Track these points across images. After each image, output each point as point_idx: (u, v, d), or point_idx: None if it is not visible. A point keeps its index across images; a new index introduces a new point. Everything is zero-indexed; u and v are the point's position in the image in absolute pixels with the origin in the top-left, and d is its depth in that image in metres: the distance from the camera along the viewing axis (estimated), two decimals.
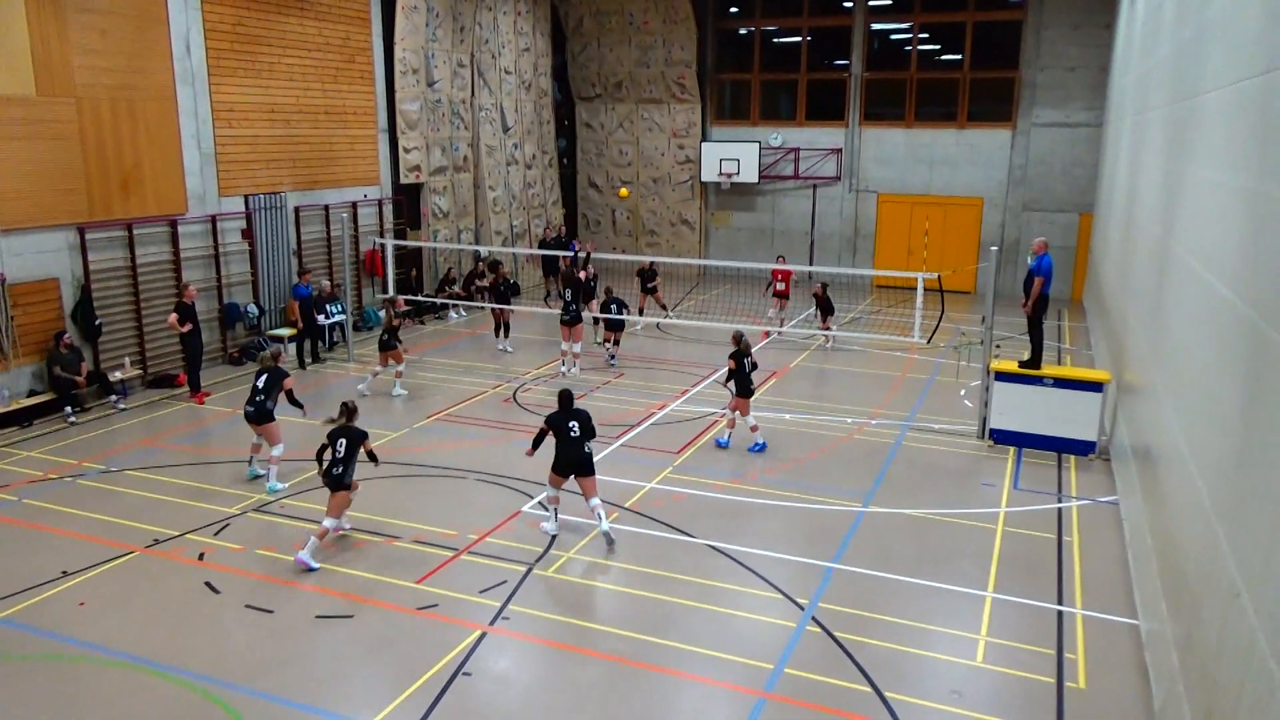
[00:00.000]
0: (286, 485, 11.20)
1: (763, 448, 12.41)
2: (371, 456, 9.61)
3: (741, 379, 12.36)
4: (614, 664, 7.57)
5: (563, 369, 16.21)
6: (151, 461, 12.08)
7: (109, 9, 14.45)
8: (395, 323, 15.03)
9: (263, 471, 11.36)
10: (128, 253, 15.10)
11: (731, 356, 12.38)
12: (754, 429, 12.46)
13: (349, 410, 9.55)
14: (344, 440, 9.34)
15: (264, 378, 11.13)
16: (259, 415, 11.05)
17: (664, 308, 20.43)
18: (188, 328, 14.41)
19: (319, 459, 9.41)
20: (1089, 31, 22.80)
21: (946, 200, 24.99)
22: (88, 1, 14.09)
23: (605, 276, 21.46)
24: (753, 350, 12.94)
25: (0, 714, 6.90)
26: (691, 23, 25.94)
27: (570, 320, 15.96)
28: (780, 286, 18.79)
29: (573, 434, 9.62)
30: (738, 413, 12.54)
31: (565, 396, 9.86)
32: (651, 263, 20.27)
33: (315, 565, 9.09)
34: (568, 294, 16.22)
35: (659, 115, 27.36)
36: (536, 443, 9.86)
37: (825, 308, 18.44)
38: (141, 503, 10.70)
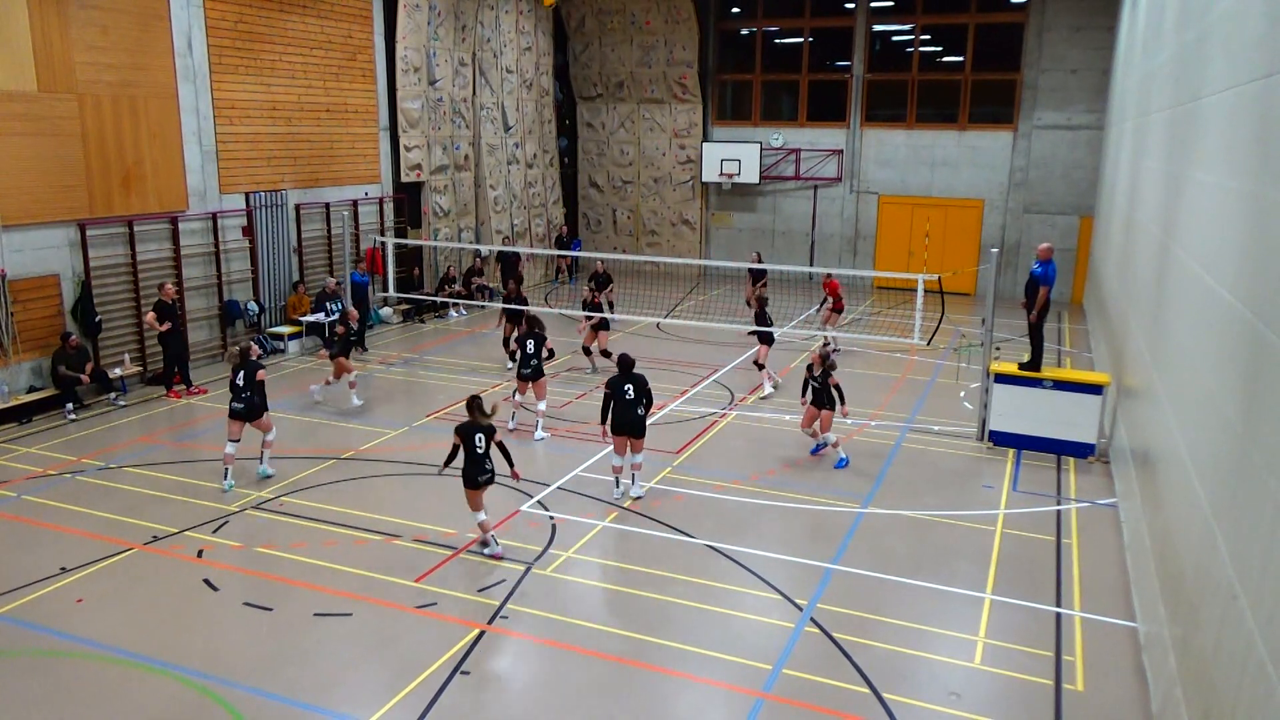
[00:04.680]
0: (275, 471, 11.45)
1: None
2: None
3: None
4: (612, 663, 7.58)
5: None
6: (150, 458, 12.09)
7: (111, 6, 14.45)
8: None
9: (272, 471, 11.45)
10: (128, 249, 15.10)
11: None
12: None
13: (475, 404, 9.28)
14: (481, 435, 9.12)
15: (241, 374, 11.11)
16: (248, 412, 11.10)
17: (610, 305, 19.97)
18: (167, 326, 14.40)
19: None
20: (1090, 34, 22.81)
21: (947, 202, 25.00)
22: None
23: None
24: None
25: None
26: (693, 23, 25.94)
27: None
28: (832, 301, 17.70)
29: (628, 397, 10.50)
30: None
31: (624, 360, 10.82)
32: (604, 267, 19.67)
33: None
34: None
35: (660, 115, 27.36)
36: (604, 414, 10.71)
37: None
38: (140, 499, 10.71)
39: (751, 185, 26.49)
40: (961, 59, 24.50)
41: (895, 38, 25.59)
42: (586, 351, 16.58)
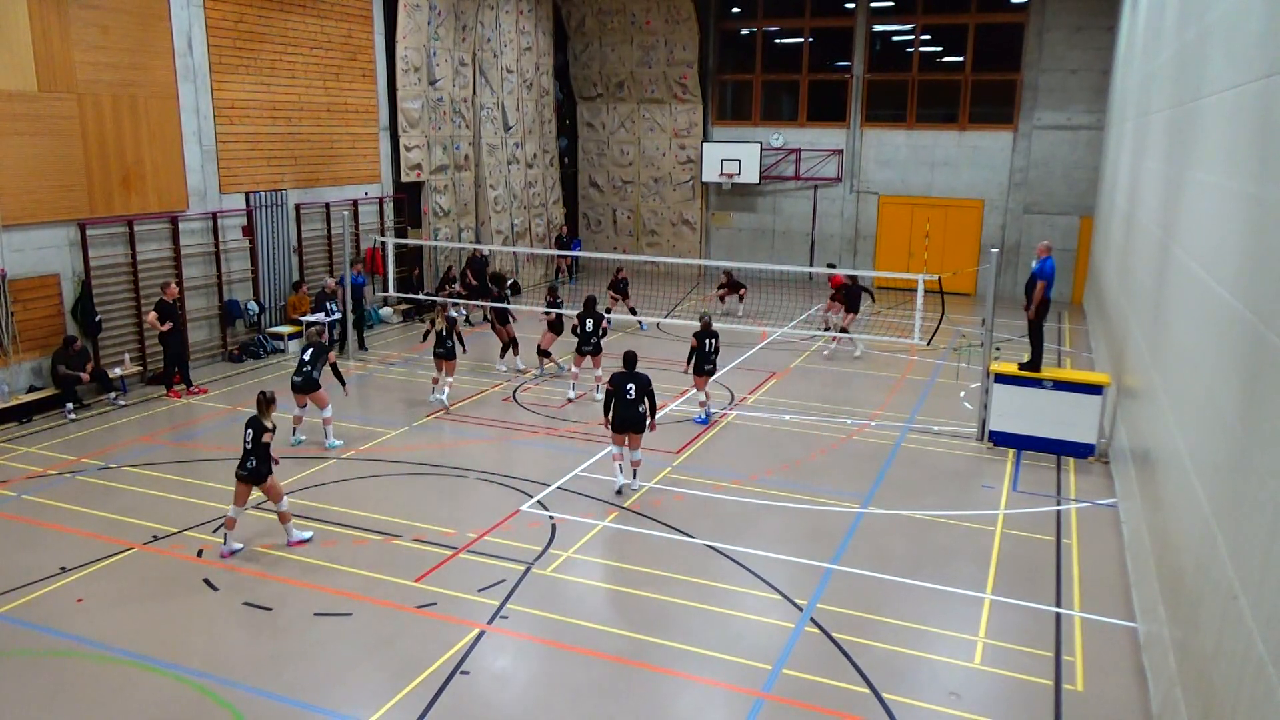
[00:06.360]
0: (343, 441, 12.53)
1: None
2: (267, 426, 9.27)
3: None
4: (612, 663, 7.58)
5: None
6: (150, 458, 12.09)
7: (111, 5, 14.45)
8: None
9: (304, 437, 12.60)
10: (128, 249, 15.10)
11: None
12: None
13: (264, 400, 9.28)
14: (251, 430, 9.19)
15: (309, 350, 12.23)
16: (306, 384, 12.13)
17: (633, 312, 20.04)
18: (168, 326, 14.40)
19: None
20: (1091, 34, 22.81)
21: (947, 202, 24.99)
22: None
23: (596, 278, 21.40)
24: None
25: None
26: (694, 23, 25.94)
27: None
28: (834, 291, 18.33)
29: (629, 396, 10.69)
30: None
31: (628, 356, 11.17)
32: (620, 270, 20.68)
33: (308, 534, 9.72)
34: (588, 324, 14.64)
35: (660, 115, 27.36)
36: (606, 407, 10.94)
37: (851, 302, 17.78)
38: (140, 499, 10.71)
39: (751, 185, 26.49)
40: (961, 59, 24.50)
41: (895, 38, 25.58)
42: (544, 354, 16.35)
